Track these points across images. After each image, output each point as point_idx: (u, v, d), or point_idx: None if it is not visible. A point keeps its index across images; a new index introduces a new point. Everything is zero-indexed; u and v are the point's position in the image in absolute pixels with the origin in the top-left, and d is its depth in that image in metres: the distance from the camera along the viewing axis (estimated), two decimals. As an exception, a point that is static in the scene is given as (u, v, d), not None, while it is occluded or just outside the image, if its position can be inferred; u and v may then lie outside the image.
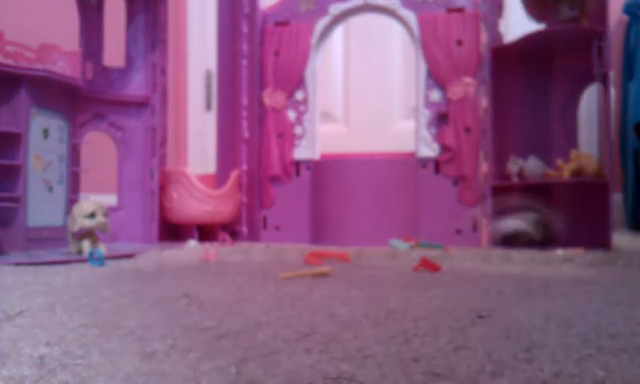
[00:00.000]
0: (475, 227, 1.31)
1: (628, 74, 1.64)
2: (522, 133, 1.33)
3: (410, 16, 1.37)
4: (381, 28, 1.90)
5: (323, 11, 1.43)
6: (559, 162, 1.20)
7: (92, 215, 0.92)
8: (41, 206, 1.05)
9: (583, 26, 1.21)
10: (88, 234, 0.93)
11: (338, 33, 1.97)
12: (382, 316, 0.45)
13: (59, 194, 1.11)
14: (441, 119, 1.35)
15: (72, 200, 1.14)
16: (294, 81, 1.44)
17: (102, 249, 0.93)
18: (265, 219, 1.45)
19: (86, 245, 0.92)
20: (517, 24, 1.54)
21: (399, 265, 0.90)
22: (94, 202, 0.94)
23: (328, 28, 1.45)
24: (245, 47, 1.48)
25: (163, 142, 1.41)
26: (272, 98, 1.45)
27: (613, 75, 1.65)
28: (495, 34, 1.29)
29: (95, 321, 0.42)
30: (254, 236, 1.46)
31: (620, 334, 0.38)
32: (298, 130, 1.44)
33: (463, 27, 1.34)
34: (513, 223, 1.18)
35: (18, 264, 0.81)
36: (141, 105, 1.35)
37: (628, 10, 1.65)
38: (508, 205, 1.22)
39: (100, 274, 0.73)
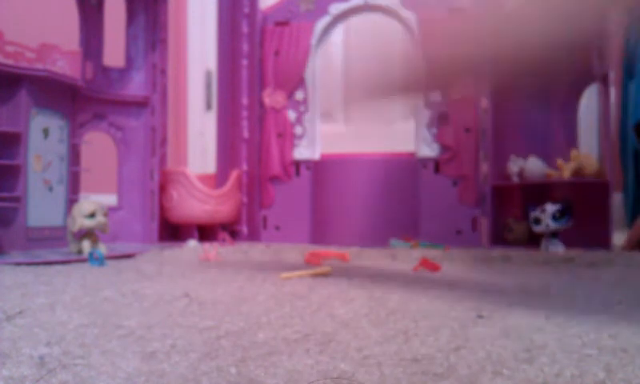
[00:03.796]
0: (475, 227, 1.31)
1: (628, 74, 1.64)
2: (522, 133, 1.33)
3: (410, 16, 1.37)
4: (381, 28, 1.90)
5: (323, 11, 1.43)
6: (559, 161, 1.20)
7: (92, 215, 0.92)
8: (41, 206, 1.05)
9: (583, 26, 1.21)
10: (88, 234, 0.93)
11: (338, 33, 1.97)
12: (382, 316, 0.45)
13: (59, 194, 1.11)
14: (441, 119, 1.35)
15: (72, 200, 1.14)
16: (294, 81, 1.44)
17: (102, 249, 0.93)
18: (265, 219, 1.45)
19: (86, 245, 0.92)
20: (517, 24, 1.53)
21: (399, 265, 0.90)
22: (94, 202, 0.94)
23: (328, 28, 1.45)
24: (245, 47, 1.48)
25: (163, 142, 1.41)
26: (272, 98, 1.45)
27: (613, 75, 1.64)
28: (495, 34, 1.29)
29: (95, 321, 0.42)
30: (254, 236, 1.46)
31: (620, 334, 0.38)
32: (298, 130, 1.44)
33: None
34: None
35: (18, 264, 0.81)
36: (141, 105, 1.35)
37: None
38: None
39: (100, 273, 0.73)
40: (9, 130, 1.01)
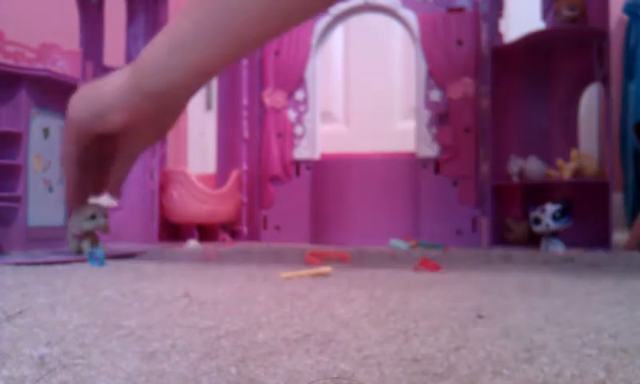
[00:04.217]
0: (475, 227, 1.31)
1: (628, 73, 1.64)
2: (522, 133, 1.33)
3: (410, 16, 1.37)
4: (381, 28, 1.90)
5: (323, 11, 1.43)
6: (559, 161, 1.20)
7: (92, 217, 0.91)
8: (41, 206, 1.05)
9: (583, 26, 1.21)
10: (88, 234, 0.93)
11: (338, 33, 1.97)
12: (382, 316, 0.45)
13: (59, 194, 1.11)
14: (441, 119, 1.35)
15: (72, 200, 1.14)
16: (294, 81, 1.44)
17: (102, 249, 0.93)
18: (265, 219, 1.46)
19: (86, 244, 0.92)
20: (517, 24, 1.54)
21: (399, 265, 0.90)
22: (94, 203, 0.94)
23: (328, 28, 1.45)
24: (245, 47, 1.48)
25: (163, 142, 1.40)
26: (272, 97, 1.46)
27: (613, 75, 1.65)
28: (495, 34, 1.29)
29: (95, 321, 0.42)
30: (254, 236, 1.46)
31: (621, 334, 0.38)
32: (298, 130, 1.44)
33: (463, 27, 1.34)
34: None
35: (18, 264, 0.81)
36: (141, 105, 1.35)
37: (628, 9, 1.65)
38: None
39: (100, 273, 0.73)
40: (9, 130, 1.01)
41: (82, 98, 0.59)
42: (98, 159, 0.67)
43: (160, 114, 0.61)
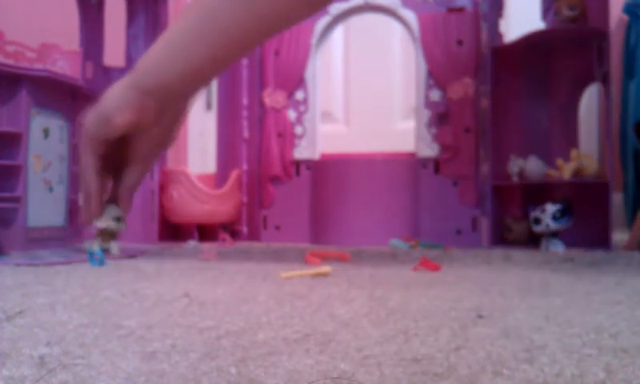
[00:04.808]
0: (475, 227, 1.31)
1: (628, 73, 1.64)
2: (522, 133, 1.33)
3: (410, 16, 1.37)
4: (381, 28, 1.90)
5: (323, 11, 1.43)
6: (559, 161, 1.20)
7: (117, 219, 0.92)
8: (41, 206, 1.05)
9: (583, 26, 1.21)
10: (111, 233, 0.94)
11: (338, 33, 1.97)
12: (382, 316, 0.45)
13: (59, 194, 1.11)
14: (441, 119, 1.35)
15: (72, 200, 1.14)
16: (294, 81, 1.44)
17: (115, 248, 0.94)
18: (265, 219, 1.46)
19: (114, 246, 0.93)
20: (517, 24, 1.54)
21: (399, 265, 0.90)
22: (112, 205, 0.94)
23: (328, 28, 1.45)
24: (245, 47, 1.48)
25: (163, 141, 1.40)
26: (272, 97, 1.46)
27: (613, 75, 1.64)
28: (495, 34, 1.29)
29: (95, 321, 0.42)
30: (254, 236, 1.46)
31: (621, 334, 0.38)
32: (298, 130, 1.44)
33: (463, 27, 1.34)
34: None
35: (18, 264, 0.81)
36: (141, 105, 1.35)
37: (628, 9, 1.65)
38: None
39: (100, 273, 0.73)
40: (9, 130, 1.01)
41: (94, 107, 0.61)
42: (113, 167, 0.68)
43: (162, 111, 0.62)
